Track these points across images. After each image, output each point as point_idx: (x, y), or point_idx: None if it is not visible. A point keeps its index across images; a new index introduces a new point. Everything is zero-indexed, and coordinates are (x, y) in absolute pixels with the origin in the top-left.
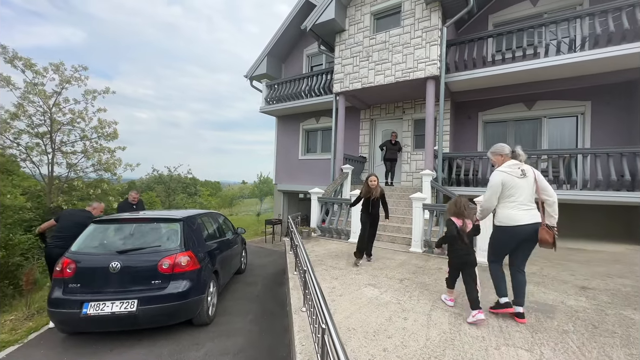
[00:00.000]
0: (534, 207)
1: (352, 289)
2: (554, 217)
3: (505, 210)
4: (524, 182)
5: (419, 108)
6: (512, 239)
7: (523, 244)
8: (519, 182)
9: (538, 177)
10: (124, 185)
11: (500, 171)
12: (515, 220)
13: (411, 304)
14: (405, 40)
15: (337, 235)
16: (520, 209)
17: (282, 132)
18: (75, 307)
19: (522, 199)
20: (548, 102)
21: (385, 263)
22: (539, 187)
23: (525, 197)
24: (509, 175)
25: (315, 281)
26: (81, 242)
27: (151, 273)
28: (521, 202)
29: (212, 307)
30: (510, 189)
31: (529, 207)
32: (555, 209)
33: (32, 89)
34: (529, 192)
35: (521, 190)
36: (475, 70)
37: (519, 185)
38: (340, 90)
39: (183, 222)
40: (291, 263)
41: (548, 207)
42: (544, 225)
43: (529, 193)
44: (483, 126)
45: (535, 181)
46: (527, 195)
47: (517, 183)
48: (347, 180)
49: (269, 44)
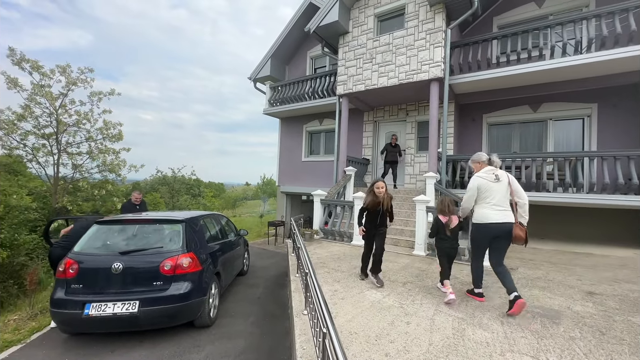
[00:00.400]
0: (508, 208)
1: (354, 292)
2: (524, 217)
3: (481, 210)
4: (498, 186)
5: (422, 110)
6: (486, 236)
7: (496, 240)
8: (493, 186)
9: (512, 181)
10: (128, 187)
11: (477, 176)
12: (489, 219)
13: (414, 307)
14: (409, 42)
15: (339, 237)
16: (494, 209)
17: (286, 133)
18: (77, 308)
19: (496, 201)
20: (554, 105)
21: (388, 266)
22: (512, 190)
23: (498, 199)
24: (484, 180)
25: (316, 284)
26: (84, 243)
27: (153, 274)
28: (495, 203)
29: (213, 309)
30: (485, 192)
31: (502, 208)
32: (526, 210)
33: (39, 90)
34: (502, 194)
35: (495, 193)
36: (480, 72)
37: (493, 188)
38: (343, 92)
39: (185, 223)
40: (293, 265)
41: (520, 208)
42: (517, 223)
43: (503, 195)
44: (487, 128)
45: (509, 184)
46: (501, 197)
47: (491, 186)
48: (350, 183)
49: (272, 46)
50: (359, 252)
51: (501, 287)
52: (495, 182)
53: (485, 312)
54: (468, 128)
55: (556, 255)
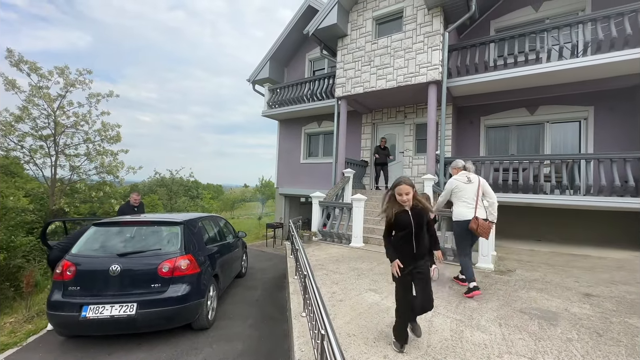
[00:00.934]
0: (479, 205)
1: (352, 294)
2: (493, 214)
3: (457, 209)
4: (470, 187)
5: (420, 112)
6: (464, 229)
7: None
8: (465, 187)
9: (482, 183)
10: (126, 188)
11: (454, 179)
12: (464, 216)
13: None
14: (407, 45)
15: (338, 239)
16: (466, 207)
17: (284, 135)
18: (74, 310)
19: (467, 198)
20: (550, 107)
21: (386, 268)
22: (483, 191)
23: (470, 197)
24: (459, 182)
25: (315, 286)
26: (81, 245)
27: (151, 276)
28: (467, 201)
29: (211, 311)
30: (460, 192)
31: (473, 205)
32: (495, 209)
33: (37, 92)
34: (473, 193)
35: (467, 193)
36: (477, 75)
37: (466, 189)
38: (342, 95)
39: (183, 225)
40: (291, 267)
41: (490, 207)
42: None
43: (474, 194)
44: (485, 131)
45: (480, 186)
46: (472, 196)
47: (464, 187)
48: (348, 185)
49: (271, 48)
50: (357, 254)
51: (499, 289)
52: (467, 184)
53: (482, 314)
54: (466, 130)
55: (554, 257)
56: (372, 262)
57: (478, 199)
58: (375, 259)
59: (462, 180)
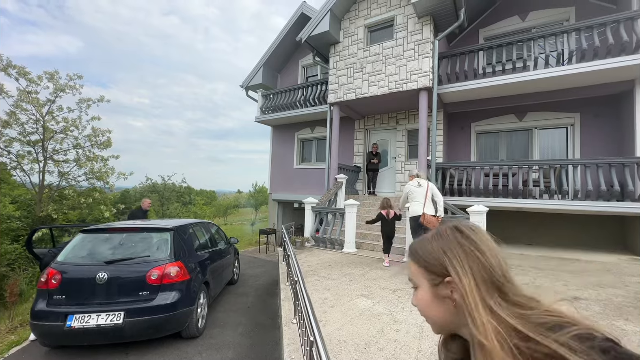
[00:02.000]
0: (429, 203)
1: (344, 300)
2: (440, 211)
3: (411, 207)
4: (420, 190)
5: (412, 118)
6: (415, 222)
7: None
8: (416, 190)
9: (431, 187)
10: (117, 194)
11: (408, 184)
12: (415, 212)
13: (403, 315)
14: (398, 53)
15: (331, 245)
16: (417, 206)
17: (277, 141)
18: (59, 320)
19: (418, 199)
20: (538, 114)
21: (379, 273)
22: (432, 193)
23: (420, 198)
24: (411, 186)
25: (305, 292)
26: (68, 252)
27: (139, 284)
28: (418, 201)
29: (201, 319)
30: (412, 194)
31: (422, 204)
32: (441, 206)
33: (26, 97)
34: (422, 195)
35: (418, 195)
36: (467, 82)
37: (417, 192)
38: (334, 101)
39: (173, 231)
40: (283, 274)
41: (438, 205)
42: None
43: (423, 196)
44: (476, 136)
45: (428, 189)
46: (422, 197)
47: (416, 190)
48: (341, 190)
49: (264, 54)
50: (349, 260)
51: None
52: (418, 188)
53: None
54: (457, 136)
55: (543, 261)
56: (365, 267)
57: (427, 199)
58: (367, 265)
59: (414, 185)
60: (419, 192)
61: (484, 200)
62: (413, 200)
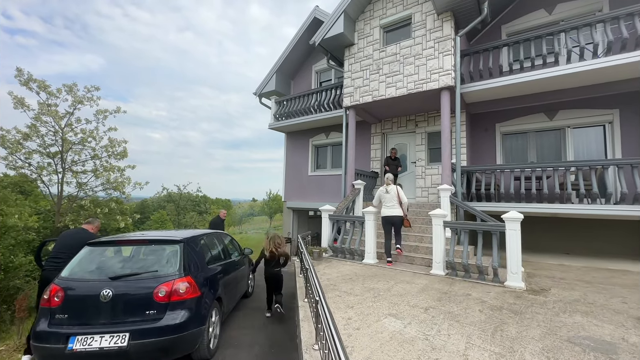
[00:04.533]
0: (395, 207)
1: (370, 320)
2: (406, 212)
3: (382, 209)
4: (388, 195)
5: (432, 121)
6: (385, 222)
7: (390, 225)
8: (386, 195)
9: (399, 191)
10: (133, 205)
11: (379, 189)
12: (384, 214)
13: (441, 340)
14: (417, 52)
15: (350, 256)
16: (386, 208)
17: (292, 148)
18: (60, 342)
19: (388, 204)
20: (571, 112)
21: (405, 288)
22: (399, 197)
23: (390, 203)
24: (381, 192)
25: (329, 317)
26: (72, 267)
27: (146, 302)
28: (388, 205)
29: (213, 338)
30: (383, 199)
31: (391, 207)
32: (406, 208)
33: (46, 109)
34: (392, 200)
35: (388, 200)
36: (492, 79)
37: (386, 197)
38: (350, 104)
39: (184, 243)
40: (301, 288)
41: (404, 206)
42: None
43: (392, 200)
44: (501, 138)
45: (397, 194)
46: (391, 202)
47: (385, 196)
48: (359, 197)
49: (277, 61)
50: (371, 272)
51: (537, 312)
52: (387, 193)
53: (525, 345)
54: (481, 138)
55: (589, 272)
56: (389, 281)
57: (396, 202)
58: (391, 278)
59: (383, 191)
60: (388, 198)
61: (516, 206)
62: (383, 204)
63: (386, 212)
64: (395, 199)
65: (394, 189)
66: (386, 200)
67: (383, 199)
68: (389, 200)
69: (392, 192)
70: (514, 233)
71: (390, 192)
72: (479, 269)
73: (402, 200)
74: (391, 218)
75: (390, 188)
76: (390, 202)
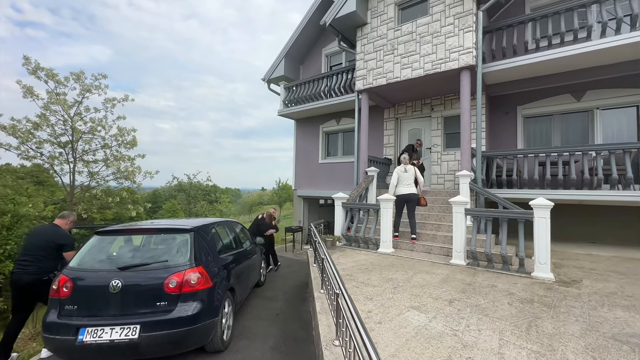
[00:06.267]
0: (411, 186)
1: (392, 313)
2: (422, 190)
3: (398, 188)
4: (406, 174)
5: (449, 104)
6: (399, 200)
7: (406, 203)
8: (404, 174)
9: (416, 171)
10: (144, 195)
11: (397, 168)
12: (400, 192)
13: (471, 336)
14: (435, 29)
15: (364, 244)
16: (403, 187)
17: (301, 135)
18: (70, 334)
19: (405, 183)
20: (601, 92)
21: (426, 279)
22: (416, 176)
23: (407, 181)
24: (399, 170)
25: (353, 312)
26: (81, 257)
27: (156, 293)
28: (405, 184)
29: (227, 329)
30: (400, 177)
31: (408, 185)
32: (421, 186)
33: (55, 99)
34: (409, 179)
35: (406, 178)
36: (517, 58)
37: (404, 176)
38: (363, 88)
39: (194, 232)
40: (316, 279)
41: (420, 185)
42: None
43: (410, 179)
44: (523, 122)
45: (415, 173)
46: (408, 180)
47: (403, 175)
48: (372, 184)
49: (286, 44)
50: (388, 262)
51: (573, 306)
52: (405, 172)
53: (566, 343)
54: (501, 122)
55: (621, 263)
56: (407, 270)
57: (413, 181)
58: (409, 267)
59: (402, 170)
60: (406, 177)
61: (540, 193)
62: (400, 183)
63: (402, 190)
64: (412, 178)
65: (411, 169)
66: (404, 179)
67: (400, 178)
68: (407, 179)
69: (410, 171)
70: (544, 221)
71: (409, 171)
72: (503, 258)
73: (418, 180)
74: (408, 196)
75: (409, 167)
76: (408, 180)
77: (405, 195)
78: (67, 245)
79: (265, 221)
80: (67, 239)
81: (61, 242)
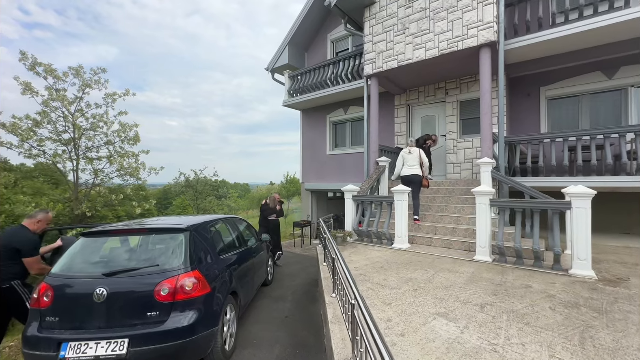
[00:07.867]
0: (416, 167)
1: (416, 322)
2: (425, 172)
3: (404, 169)
4: (411, 156)
5: (465, 87)
6: (403, 181)
7: (410, 184)
8: (408, 156)
9: (421, 153)
10: (151, 192)
11: (402, 151)
12: (404, 173)
13: (515, 352)
14: (451, 4)
15: (377, 240)
16: (407, 167)
17: (308, 126)
18: (51, 349)
19: (409, 164)
20: (636, 67)
21: (449, 278)
22: (420, 158)
23: (411, 163)
24: (404, 152)
25: (375, 330)
26: (65, 262)
27: (146, 302)
28: (409, 165)
29: (229, 338)
30: (405, 159)
31: (412, 166)
32: (426, 169)
33: (55, 95)
34: (414, 160)
35: (409, 160)
36: (543, 31)
37: (408, 157)
38: (372, 72)
39: (189, 232)
40: (327, 280)
41: (424, 167)
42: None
43: (414, 160)
44: (547, 103)
45: (419, 155)
46: (412, 162)
47: (407, 156)
48: (384, 175)
49: (289, 31)
50: (405, 259)
51: (629, 311)
52: (409, 154)
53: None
54: (522, 105)
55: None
56: (427, 269)
57: (417, 162)
58: (429, 265)
59: (406, 152)
60: (410, 158)
61: (572, 180)
62: (405, 164)
63: (406, 171)
64: (416, 160)
65: (416, 151)
66: (408, 160)
67: (405, 160)
68: (411, 160)
69: (415, 153)
70: (583, 212)
71: (413, 152)
72: (535, 254)
73: (422, 161)
74: (411, 177)
75: (413, 149)
76: (412, 162)
77: (408, 176)
78: (24, 250)
79: (269, 206)
80: (26, 243)
81: (17, 247)
